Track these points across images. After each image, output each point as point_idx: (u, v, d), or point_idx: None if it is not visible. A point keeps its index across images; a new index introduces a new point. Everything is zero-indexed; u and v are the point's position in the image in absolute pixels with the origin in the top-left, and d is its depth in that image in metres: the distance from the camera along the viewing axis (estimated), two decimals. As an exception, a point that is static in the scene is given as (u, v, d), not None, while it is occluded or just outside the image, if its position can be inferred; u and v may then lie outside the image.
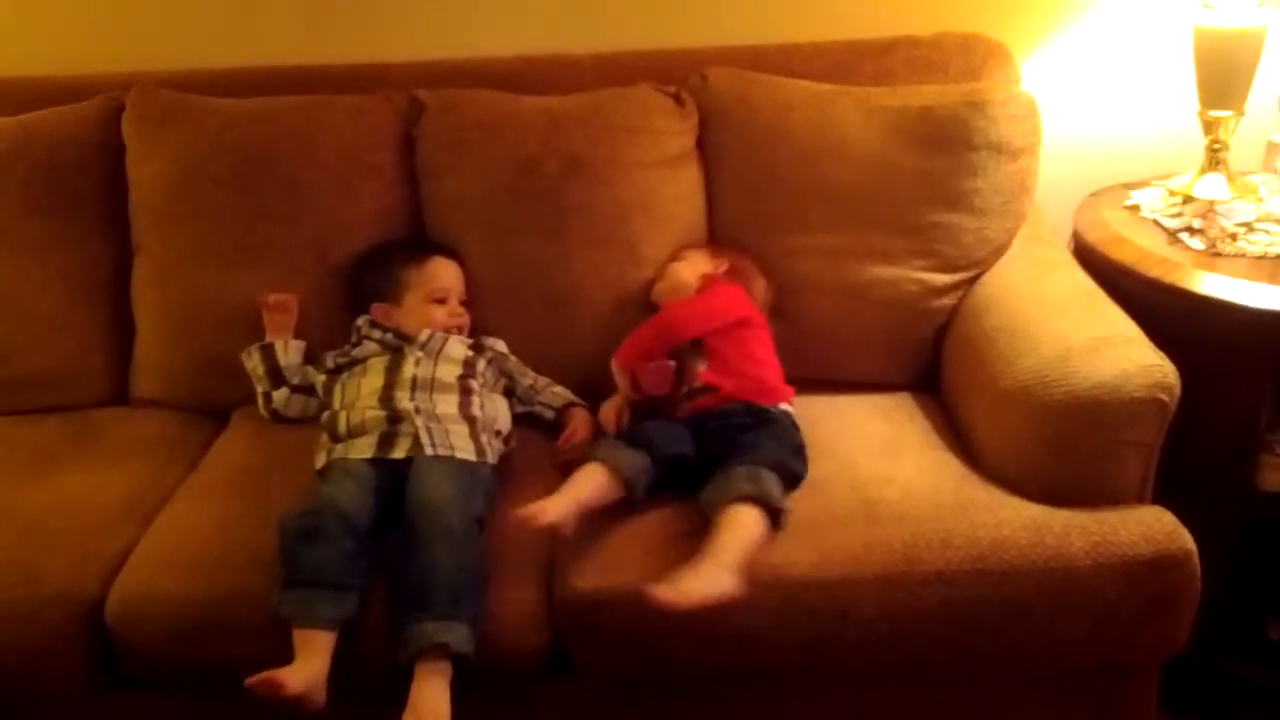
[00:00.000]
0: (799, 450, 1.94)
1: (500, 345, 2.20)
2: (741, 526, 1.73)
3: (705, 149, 2.30)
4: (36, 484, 2.02)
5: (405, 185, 2.31)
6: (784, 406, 2.03)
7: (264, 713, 1.64)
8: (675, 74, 2.37)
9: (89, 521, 1.92)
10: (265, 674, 1.61)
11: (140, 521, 1.94)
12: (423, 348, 2.09)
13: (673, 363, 2.07)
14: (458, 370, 2.07)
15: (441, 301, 2.17)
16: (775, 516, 1.77)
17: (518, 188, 2.23)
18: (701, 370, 2.03)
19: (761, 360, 2.07)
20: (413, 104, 2.32)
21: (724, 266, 2.18)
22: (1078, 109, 2.48)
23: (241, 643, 1.74)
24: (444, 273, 2.20)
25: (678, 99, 2.31)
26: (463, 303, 2.20)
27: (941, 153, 2.18)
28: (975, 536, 1.75)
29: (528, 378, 2.20)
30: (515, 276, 2.24)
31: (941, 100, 2.21)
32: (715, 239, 2.29)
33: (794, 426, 1.99)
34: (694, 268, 2.18)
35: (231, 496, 1.96)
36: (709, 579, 1.65)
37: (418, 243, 2.25)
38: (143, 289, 2.31)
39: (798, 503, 1.83)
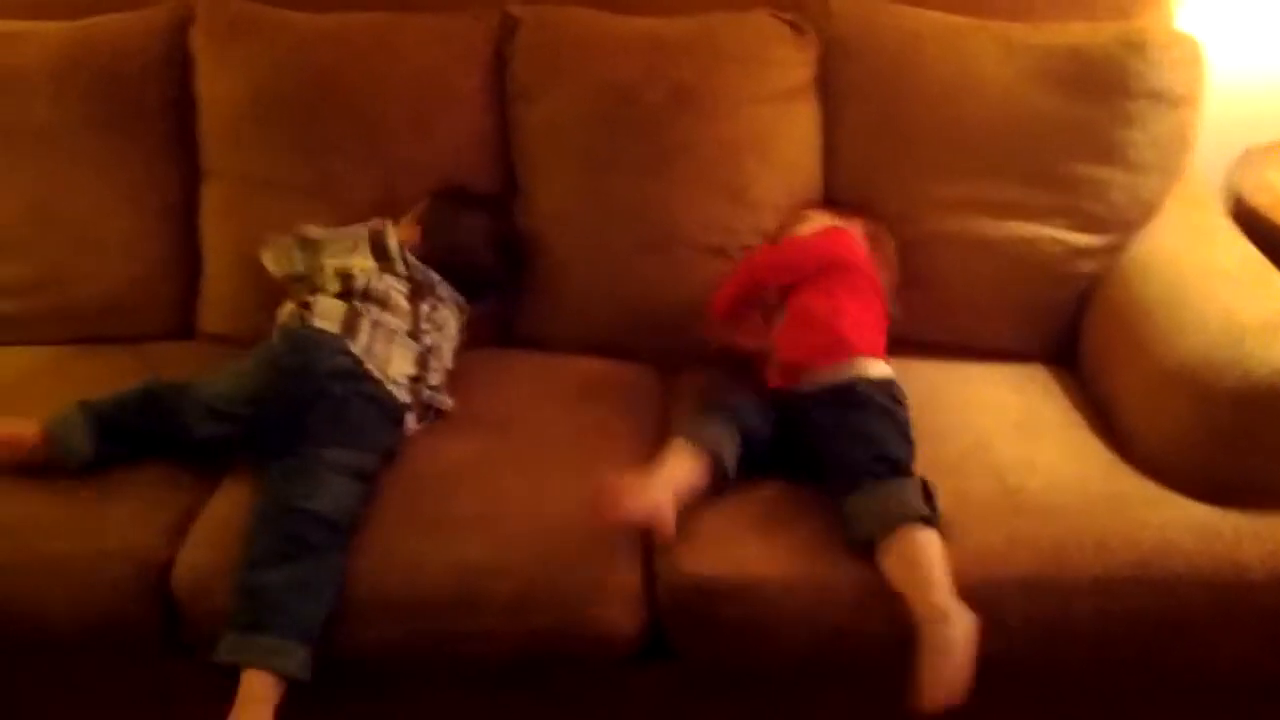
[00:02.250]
0: (906, 431, 1.72)
1: None
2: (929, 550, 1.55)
3: (824, 84, 2.09)
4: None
5: (491, 112, 2.11)
6: (871, 373, 1.76)
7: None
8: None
9: (154, 474, 1.77)
10: None
11: (212, 475, 1.78)
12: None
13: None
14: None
15: None
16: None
17: (616, 117, 2.03)
18: (774, 331, 1.85)
19: (845, 311, 1.82)
20: (505, 20, 2.12)
21: (857, 225, 1.98)
22: (1237, 52, 2.23)
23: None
24: None
25: (796, 27, 2.09)
26: None
27: (1092, 98, 1.96)
28: (1135, 539, 1.57)
29: None
30: (606, 215, 2.05)
31: (1093, 40, 1.98)
32: (831, 185, 2.08)
33: (894, 399, 1.74)
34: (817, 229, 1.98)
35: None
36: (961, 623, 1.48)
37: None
38: (211, 217, 2.15)
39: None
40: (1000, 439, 1.77)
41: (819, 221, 1.99)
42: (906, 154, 2.03)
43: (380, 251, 1.95)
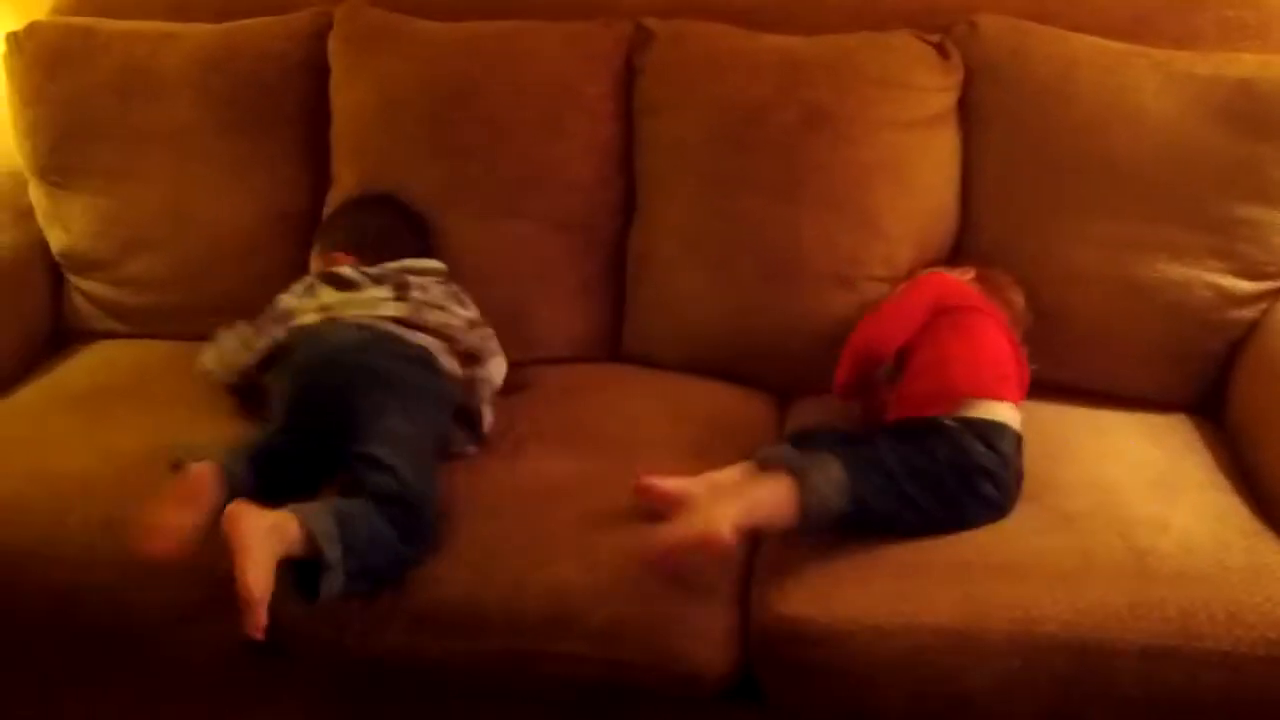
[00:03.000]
0: (978, 470, 1.58)
1: None
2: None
3: (968, 109, 2.00)
4: (213, 424, 1.87)
5: (619, 120, 2.08)
6: (970, 413, 1.63)
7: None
8: (939, 19, 2.07)
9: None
10: None
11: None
12: None
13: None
14: None
15: None
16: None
17: (746, 137, 1.97)
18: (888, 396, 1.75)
19: (956, 357, 1.71)
20: (639, 32, 2.09)
21: (969, 274, 1.88)
22: None
23: (396, 631, 1.58)
24: None
25: (941, 49, 2.00)
26: None
27: (1260, 136, 1.83)
28: (1274, 615, 1.44)
29: None
30: (730, 237, 1.99)
31: (1264, 73, 1.86)
32: (968, 217, 1.99)
33: (983, 440, 1.60)
34: None
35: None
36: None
37: None
38: (337, 221, 2.15)
39: (1052, 539, 1.56)
40: (1133, 494, 1.66)
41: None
42: (1052, 187, 1.92)
43: (340, 282, 1.93)
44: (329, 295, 1.92)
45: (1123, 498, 1.65)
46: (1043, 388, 1.88)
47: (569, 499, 1.69)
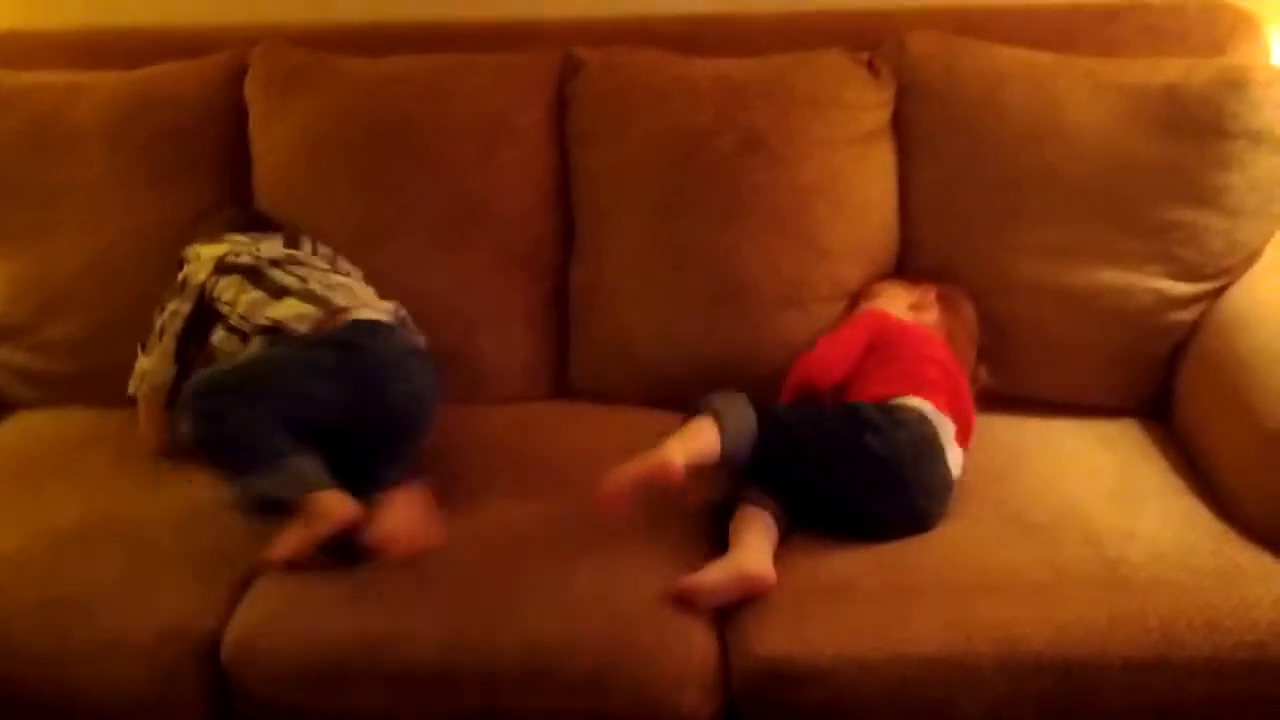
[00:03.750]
0: (864, 423, 1.66)
1: None
2: None
3: (901, 126, 2.01)
4: (153, 494, 1.80)
5: (553, 151, 2.05)
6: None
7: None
8: (866, 38, 2.08)
9: (207, 543, 1.70)
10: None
11: (267, 543, 1.70)
12: None
13: None
14: None
15: None
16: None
17: (687, 163, 1.95)
18: None
19: (890, 379, 1.77)
20: (568, 61, 2.06)
21: (931, 293, 1.90)
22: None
23: (370, 693, 1.53)
24: None
25: (872, 67, 2.01)
26: None
27: (1188, 140, 1.86)
28: (1250, 617, 1.45)
29: None
30: (675, 264, 1.97)
31: (1189, 78, 1.88)
32: (908, 231, 2.00)
33: (875, 407, 1.69)
34: (895, 302, 1.90)
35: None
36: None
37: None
38: (266, 268, 2.08)
39: (1021, 553, 1.56)
40: (1095, 503, 1.68)
41: (893, 291, 1.92)
42: (989, 199, 1.94)
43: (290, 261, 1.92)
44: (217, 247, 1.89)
45: (1086, 507, 1.66)
46: (991, 399, 1.91)
47: (534, 546, 1.66)
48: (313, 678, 1.54)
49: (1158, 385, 1.91)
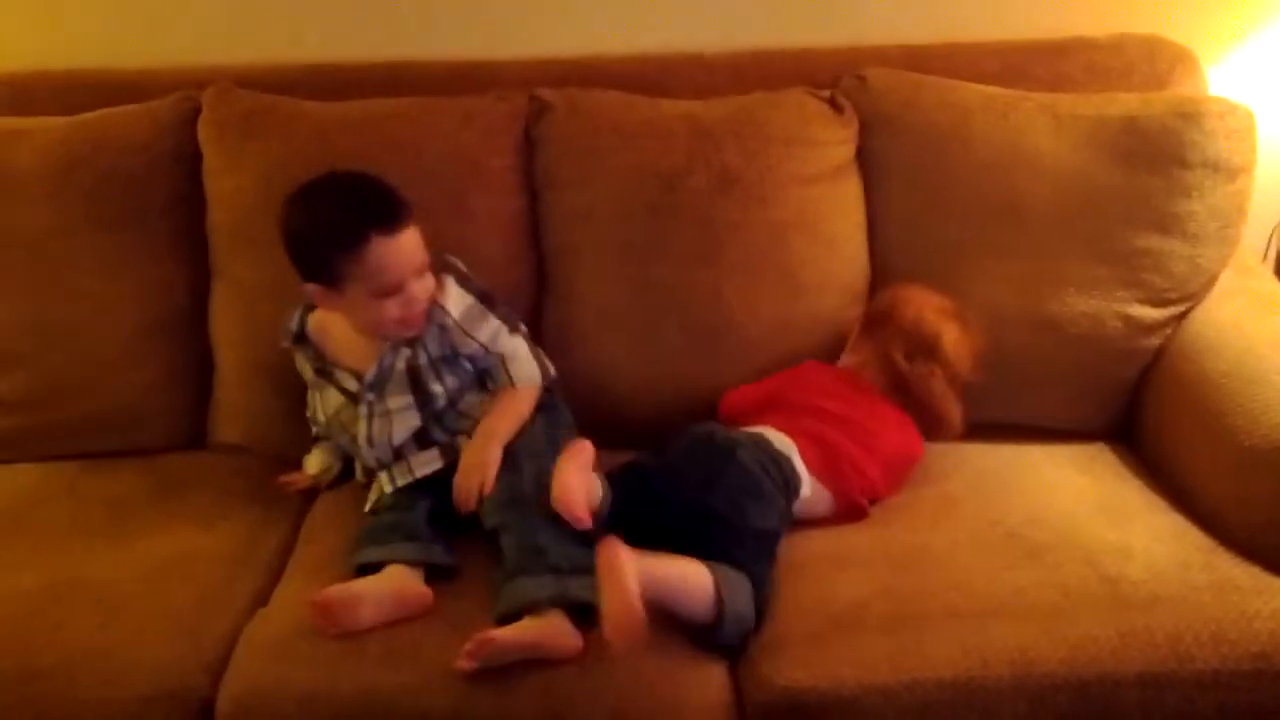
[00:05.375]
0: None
1: (450, 300, 1.78)
2: None
3: (865, 159, 2.03)
4: (118, 549, 1.74)
5: (523, 194, 2.02)
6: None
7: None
8: (821, 77, 2.10)
9: (185, 598, 1.63)
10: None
11: (245, 598, 1.66)
12: (372, 389, 1.78)
13: None
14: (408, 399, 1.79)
15: (392, 294, 1.71)
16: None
17: (659, 204, 1.95)
18: None
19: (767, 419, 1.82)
20: (533, 104, 2.03)
21: (948, 304, 1.92)
22: (1272, 121, 2.19)
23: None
24: (391, 261, 1.68)
25: (834, 104, 2.04)
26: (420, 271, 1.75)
27: (1149, 169, 1.91)
28: (1251, 630, 1.48)
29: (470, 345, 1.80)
30: (654, 305, 1.96)
31: (1146, 110, 1.94)
32: (878, 262, 2.02)
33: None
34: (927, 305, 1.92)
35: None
36: None
37: (352, 213, 1.69)
38: (223, 318, 2.02)
39: (1025, 575, 1.58)
40: (1087, 523, 1.70)
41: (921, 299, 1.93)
42: (958, 229, 1.97)
43: None
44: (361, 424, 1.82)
45: (1079, 527, 1.69)
46: (967, 426, 1.92)
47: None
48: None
49: (1124, 409, 1.96)
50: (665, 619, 1.50)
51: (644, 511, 1.62)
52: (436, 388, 1.77)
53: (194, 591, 1.65)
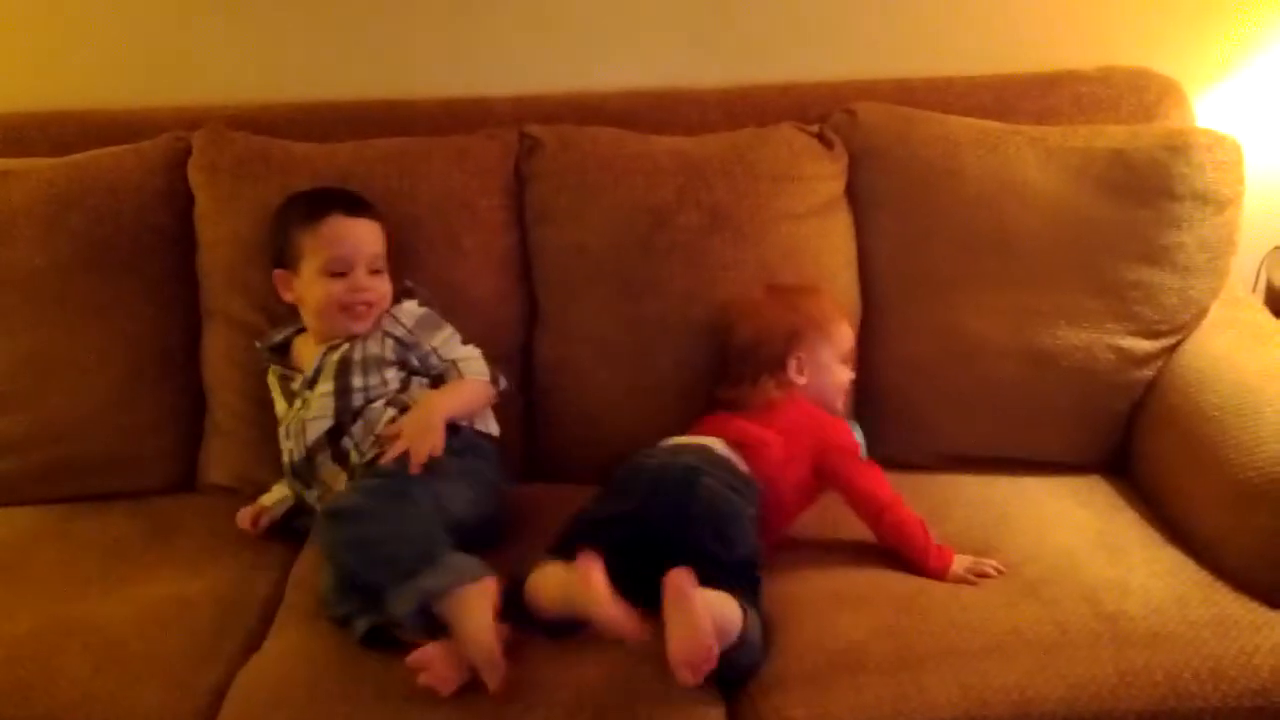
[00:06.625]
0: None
1: (405, 312, 1.87)
2: None
3: (855, 193, 2.04)
4: (110, 594, 1.72)
5: (513, 231, 2.03)
6: None
7: None
8: (810, 111, 2.12)
9: (177, 645, 1.62)
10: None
11: (237, 645, 1.64)
12: (309, 383, 1.83)
13: None
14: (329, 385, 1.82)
15: (341, 274, 1.82)
16: None
17: (650, 241, 1.95)
18: None
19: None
20: (524, 140, 2.04)
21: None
22: (1261, 150, 2.21)
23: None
24: (344, 235, 1.83)
25: (823, 139, 2.04)
26: (375, 271, 1.85)
27: (1138, 202, 1.93)
28: (1250, 666, 1.48)
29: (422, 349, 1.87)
30: (647, 341, 1.97)
31: (1135, 143, 1.95)
32: (868, 296, 2.03)
33: None
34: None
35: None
36: None
37: (320, 196, 1.88)
38: (215, 361, 2.01)
39: (1023, 613, 1.57)
40: (1083, 557, 1.70)
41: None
42: (948, 262, 1.97)
43: None
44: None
45: (1077, 562, 1.68)
46: (960, 460, 1.96)
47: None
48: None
49: (1118, 441, 1.96)
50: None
51: (628, 562, 1.58)
52: (357, 381, 1.81)
53: (186, 638, 1.63)
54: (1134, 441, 1.95)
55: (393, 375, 1.83)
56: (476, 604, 1.50)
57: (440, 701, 1.47)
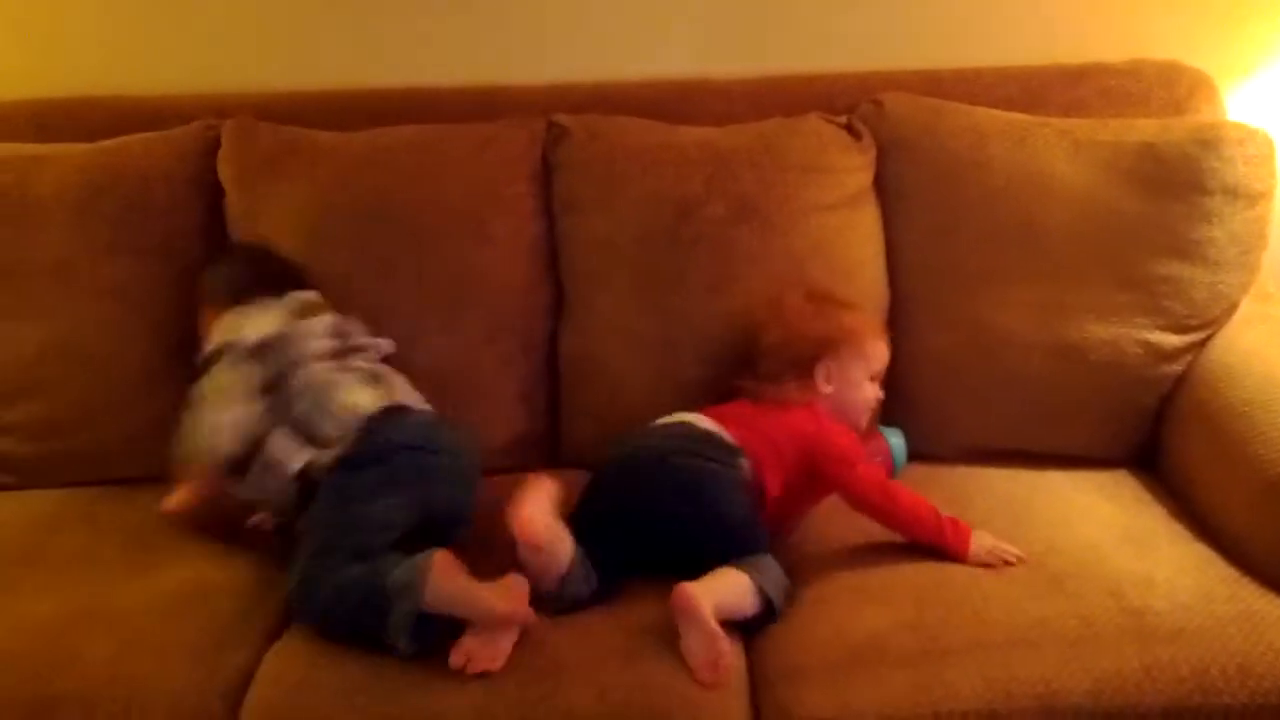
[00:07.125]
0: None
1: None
2: None
3: (883, 185, 2.03)
4: (135, 578, 1.73)
5: (541, 219, 2.03)
6: None
7: None
8: (838, 102, 2.11)
9: (201, 629, 1.62)
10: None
11: (262, 628, 1.65)
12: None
13: None
14: None
15: None
16: None
17: (677, 231, 1.95)
18: None
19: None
20: (551, 129, 2.04)
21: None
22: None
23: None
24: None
25: (851, 130, 2.04)
26: None
27: (1168, 196, 1.91)
28: (1278, 662, 1.46)
29: None
30: (673, 332, 1.96)
31: (1165, 136, 1.93)
32: (896, 289, 2.02)
33: None
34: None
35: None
36: None
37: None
38: (244, 348, 2.01)
39: (1048, 605, 1.56)
40: (1110, 551, 1.69)
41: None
42: (975, 254, 1.97)
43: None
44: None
45: (1102, 556, 1.67)
46: (984, 454, 1.95)
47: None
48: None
49: (1146, 436, 1.95)
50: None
51: (629, 556, 1.64)
52: None
53: (210, 621, 1.64)
54: (1162, 436, 1.93)
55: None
56: (445, 577, 1.53)
57: (466, 680, 1.48)
